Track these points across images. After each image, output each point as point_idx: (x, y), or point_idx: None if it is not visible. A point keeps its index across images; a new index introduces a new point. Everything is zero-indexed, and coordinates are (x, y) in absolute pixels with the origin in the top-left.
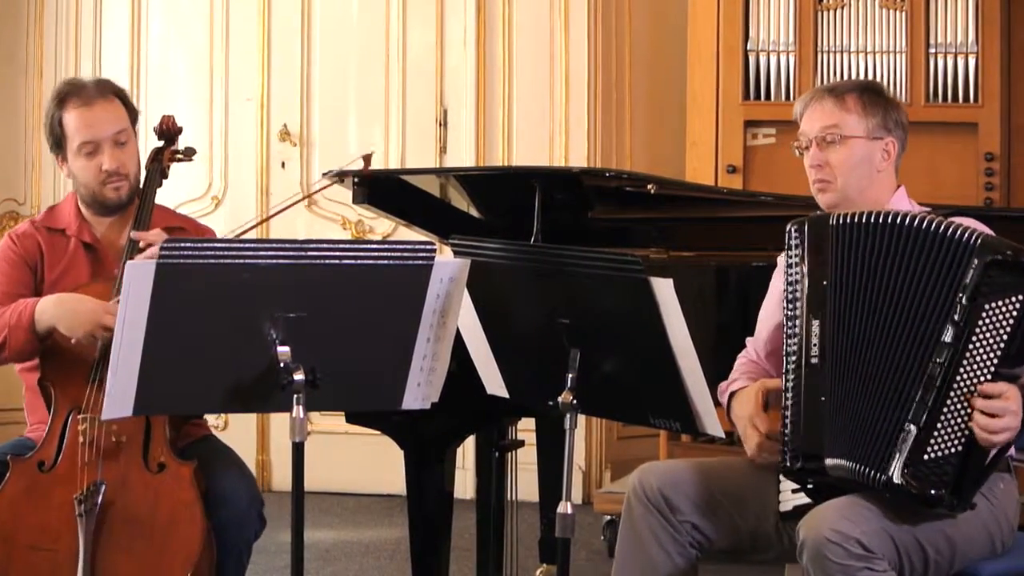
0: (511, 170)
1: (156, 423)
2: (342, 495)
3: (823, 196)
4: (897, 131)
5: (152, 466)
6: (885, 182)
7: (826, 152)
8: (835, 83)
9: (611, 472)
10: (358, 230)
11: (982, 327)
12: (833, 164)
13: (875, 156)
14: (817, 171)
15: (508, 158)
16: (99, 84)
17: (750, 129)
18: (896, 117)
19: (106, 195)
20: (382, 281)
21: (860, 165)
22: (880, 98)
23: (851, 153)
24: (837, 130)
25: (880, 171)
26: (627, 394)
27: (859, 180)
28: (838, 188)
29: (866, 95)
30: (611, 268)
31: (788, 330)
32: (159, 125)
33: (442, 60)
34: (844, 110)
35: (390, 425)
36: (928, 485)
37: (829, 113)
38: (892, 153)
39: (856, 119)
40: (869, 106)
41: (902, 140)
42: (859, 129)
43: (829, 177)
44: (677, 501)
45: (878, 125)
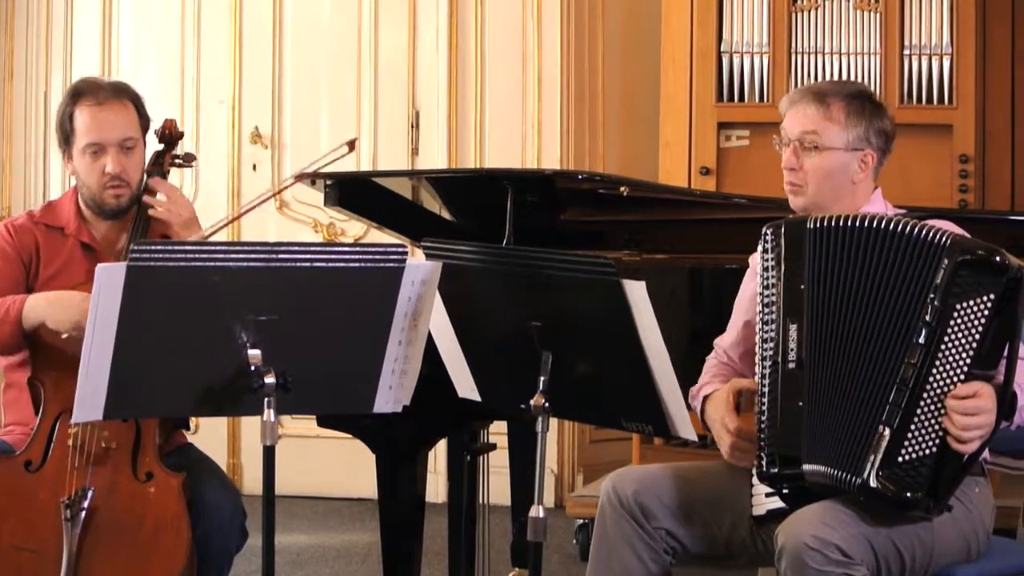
0: (483, 172)
1: (147, 431)
2: (313, 499)
3: (794, 199)
4: (878, 142)
5: (140, 475)
6: (860, 192)
7: (802, 157)
8: (824, 85)
9: (583, 476)
10: (330, 233)
11: (954, 327)
12: (807, 170)
13: (851, 167)
14: (791, 174)
15: (480, 160)
16: (116, 87)
17: (723, 131)
18: (880, 126)
19: (105, 199)
20: (353, 284)
21: (834, 176)
22: (866, 107)
23: (826, 163)
24: (816, 137)
25: (856, 182)
26: (599, 397)
27: (832, 190)
28: (809, 194)
29: (853, 103)
30: (583, 270)
31: (763, 334)
32: (161, 129)
33: (414, 62)
34: (827, 118)
35: (361, 428)
36: (903, 487)
37: (811, 118)
38: (869, 165)
39: (837, 130)
40: (853, 116)
41: (883, 150)
42: (838, 141)
43: (801, 182)
44: (652, 507)
45: (859, 137)
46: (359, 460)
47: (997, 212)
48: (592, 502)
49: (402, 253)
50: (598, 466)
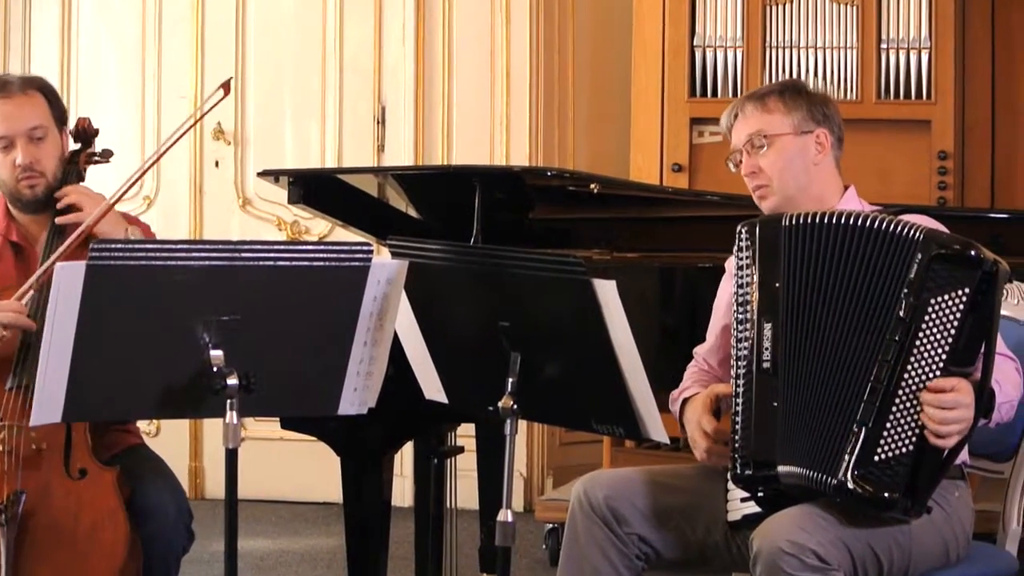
0: (451, 169)
1: (77, 429)
2: (277, 503)
3: (765, 203)
4: (827, 122)
5: (73, 472)
6: (825, 177)
7: (757, 158)
8: (754, 90)
9: (553, 479)
10: (294, 231)
11: (928, 323)
12: (766, 167)
13: (808, 150)
14: (753, 179)
15: (447, 157)
16: (25, 80)
17: (696, 127)
18: (823, 109)
19: (20, 191)
20: (318, 283)
21: (794, 162)
22: (801, 94)
23: (781, 152)
24: (763, 132)
25: (817, 164)
26: (569, 399)
27: (796, 177)
28: (776, 191)
29: (787, 94)
30: (552, 269)
31: (739, 334)
32: (75, 127)
33: (380, 56)
34: (766, 112)
35: (326, 431)
36: (880, 487)
37: (753, 119)
38: (826, 144)
39: (779, 118)
40: (791, 102)
41: (835, 131)
42: (784, 126)
43: (765, 181)
44: (624, 512)
45: (804, 118)
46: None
47: (977, 209)
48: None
49: (367, 252)
50: (568, 469)
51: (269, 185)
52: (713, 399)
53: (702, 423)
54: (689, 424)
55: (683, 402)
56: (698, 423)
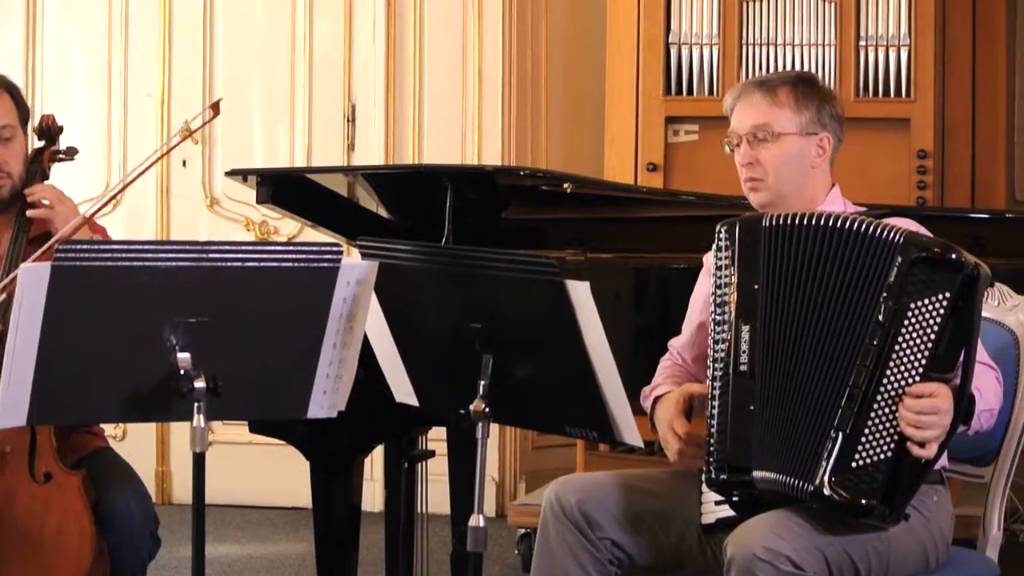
0: (422, 168)
1: (42, 432)
2: (245, 508)
3: (755, 196)
4: (832, 125)
5: (38, 476)
6: (820, 179)
7: (757, 150)
8: (767, 76)
9: (526, 483)
10: (262, 231)
11: (908, 327)
12: (765, 162)
13: (809, 152)
14: (748, 169)
15: (419, 156)
16: None
17: (671, 125)
18: (831, 110)
19: None
20: (287, 284)
21: (793, 162)
22: (814, 90)
23: (784, 150)
24: (768, 127)
25: (815, 168)
26: (542, 402)
27: (792, 178)
28: (770, 187)
29: (800, 88)
30: (525, 270)
31: (716, 335)
32: (39, 124)
33: (350, 53)
34: (776, 105)
35: (295, 435)
36: (858, 494)
37: (760, 109)
38: (827, 149)
39: (789, 115)
40: (803, 100)
41: (837, 134)
42: (791, 125)
43: (761, 175)
44: (597, 517)
45: (812, 120)
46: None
47: (957, 209)
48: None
49: (337, 252)
50: (541, 474)
51: (237, 185)
52: (686, 399)
53: (674, 426)
54: (660, 424)
55: (655, 400)
56: (670, 424)
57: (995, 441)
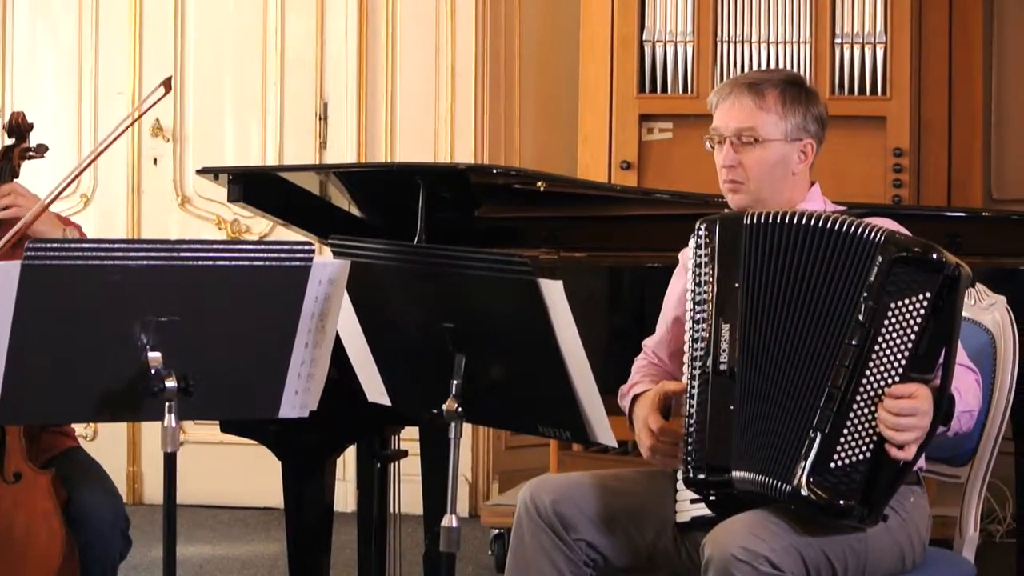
0: (394, 167)
1: (11, 432)
2: (217, 508)
3: (734, 197)
4: (816, 130)
5: (8, 476)
6: (799, 183)
7: (740, 153)
8: (755, 75)
9: (499, 483)
10: (234, 230)
11: (888, 327)
12: (747, 166)
13: (792, 158)
14: (730, 171)
15: (391, 154)
16: None
17: (645, 123)
18: (816, 113)
19: None
20: (258, 283)
21: (775, 168)
22: (802, 95)
23: (767, 156)
24: (753, 132)
25: (796, 173)
26: (515, 402)
27: (773, 183)
28: (751, 190)
29: (788, 92)
30: (498, 269)
31: (694, 334)
32: (9, 121)
33: (322, 51)
34: (763, 110)
35: (267, 435)
36: (836, 495)
37: (747, 112)
38: (809, 155)
39: (775, 120)
40: (790, 105)
41: (820, 138)
42: (777, 132)
43: (742, 179)
44: (572, 518)
45: (797, 126)
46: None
47: (933, 208)
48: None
49: (309, 251)
50: (514, 474)
51: (209, 183)
52: (663, 397)
53: (648, 421)
54: (637, 421)
55: (633, 398)
56: (645, 420)
57: (971, 441)
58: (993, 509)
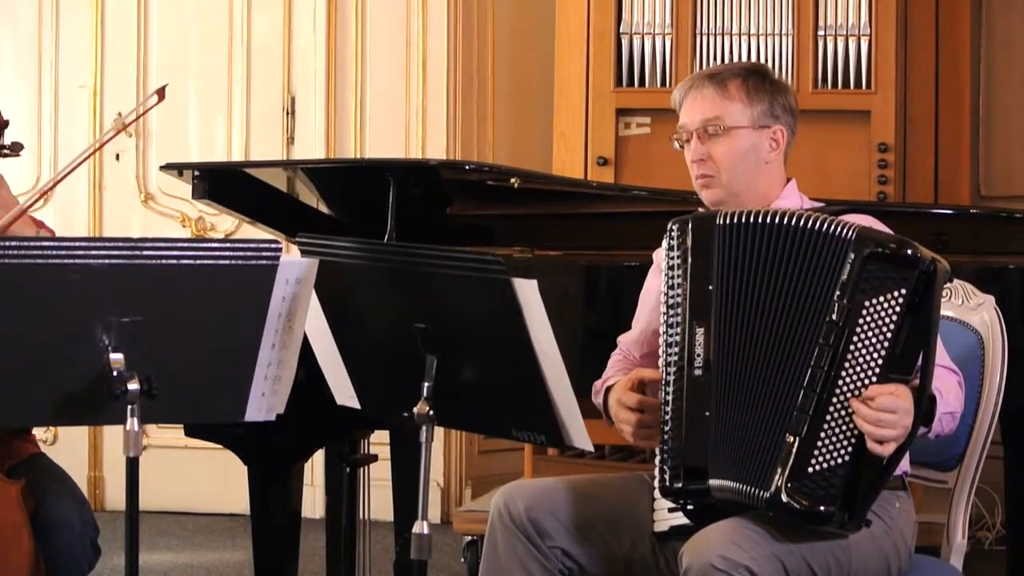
0: (364, 162)
1: None
2: (181, 514)
3: (708, 192)
4: (786, 117)
5: None
6: (774, 174)
7: (708, 145)
8: (716, 68)
9: (472, 489)
10: (198, 228)
11: (863, 326)
12: (716, 158)
13: (762, 146)
14: (700, 166)
15: (361, 150)
16: None
17: (622, 118)
18: (784, 101)
19: None
20: (223, 283)
21: (746, 157)
22: (766, 82)
23: (736, 145)
24: (719, 121)
25: (768, 162)
26: (488, 405)
27: (746, 173)
28: (723, 183)
29: (751, 80)
30: (471, 268)
31: (668, 337)
32: None
33: (289, 43)
34: (726, 98)
35: (232, 438)
36: (815, 501)
37: (711, 103)
38: (781, 142)
39: (740, 108)
40: (754, 92)
41: (791, 126)
42: (743, 119)
43: (712, 172)
44: (546, 525)
45: (764, 113)
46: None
47: (919, 205)
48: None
49: (276, 250)
50: (487, 479)
51: (173, 179)
52: (636, 383)
53: (625, 400)
54: (613, 407)
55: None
56: (621, 401)
57: (959, 445)
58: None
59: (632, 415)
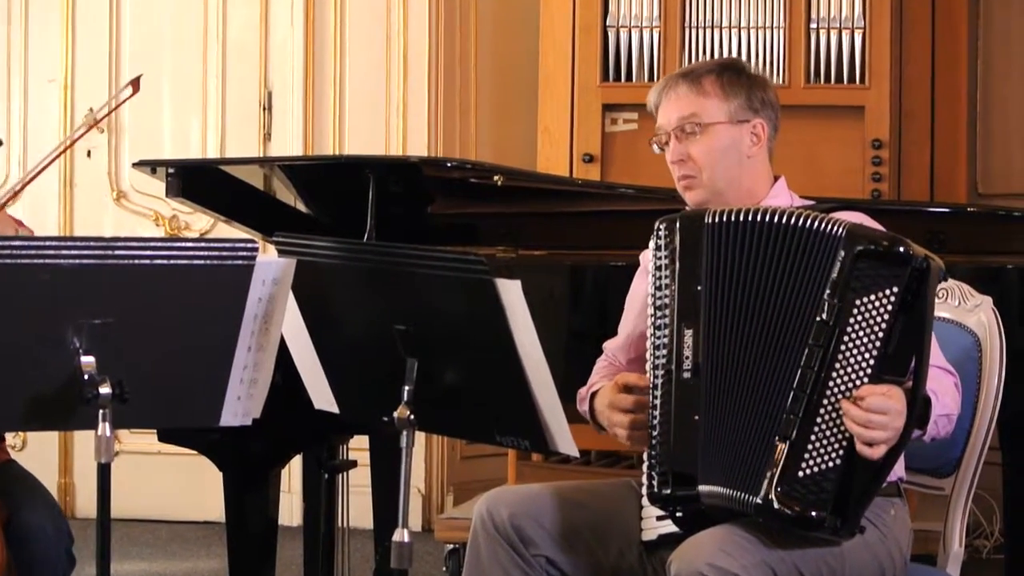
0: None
1: None
2: (154, 522)
3: (690, 194)
4: (765, 111)
5: None
6: (758, 169)
7: (686, 144)
8: (690, 67)
9: (454, 496)
10: (172, 227)
11: (854, 326)
12: (696, 156)
13: (742, 141)
14: (680, 167)
15: (340, 146)
16: None
17: (609, 114)
18: (762, 95)
19: None
20: (198, 283)
21: (727, 154)
22: (741, 76)
23: (714, 142)
24: (696, 119)
25: (750, 157)
26: (470, 409)
27: (727, 170)
28: (705, 183)
29: (725, 75)
30: (453, 268)
31: (656, 340)
32: None
33: (266, 37)
34: (701, 95)
35: (207, 444)
36: (807, 506)
37: (686, 101)
38: (762, 136)
39: (716, 103)
40: (729, 87)
41: (772, 120)
42: (720, 114)
43: (694, 172)
44: (531, 532)
45: (741, 107)
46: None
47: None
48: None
49: (252, 249)
50: (470, 485)
51: (146, 177)
52: (622, 387)
53: (616, 402)
54: (602, 414)
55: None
56: (610, 404)
57: (956, 450)
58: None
59: (625, 416)
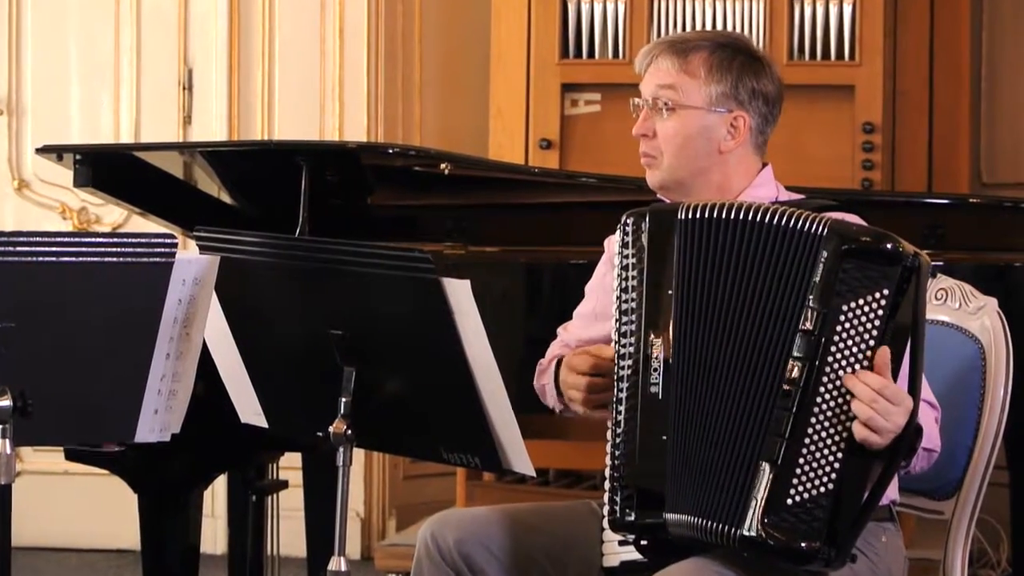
0: (272, 145)
1: None
2: (60, 551)
3: (649, 173)
4: (754, 103)
5: None
6: (735, 166)
7: (654, 120)
8: (687, 34)
9: (396, 520)
10: (81, 220)
11: (841, 335)
12: (660, 137)
13: (716, 133)
14: (642, 142)
15: (269, 130)
16: None
17: (569, 95)
18: (753, 84)
19: None
20: (110, 283)
21: (693, 142)
22: (734, 60)
23: (682, 127)
24: (672, 94)
25: (725, 152)
26: (415, 423)
27: (692, 160)
28: (663, 167)
29: (717, 54)
30: (394, 267)
31: (620, 349)
32: None
33: (186, 8)
34: (684, 71)
35: (120, 463)
36: (797, 536)
37: (665, 73)
38: (743, 130)
39: (696, 84)
40: (717, 69)
41: (762, 114)
42: (696, 97)
43: (654, 152)
44: (480, 560)
45: (724, 94)
46: (117, 502)
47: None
48: (407, 552)
49: (171, 245)
50: (414, 508)
51: (51, 164)
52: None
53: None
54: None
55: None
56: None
57: (957, 470)
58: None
59: (581, 379)
